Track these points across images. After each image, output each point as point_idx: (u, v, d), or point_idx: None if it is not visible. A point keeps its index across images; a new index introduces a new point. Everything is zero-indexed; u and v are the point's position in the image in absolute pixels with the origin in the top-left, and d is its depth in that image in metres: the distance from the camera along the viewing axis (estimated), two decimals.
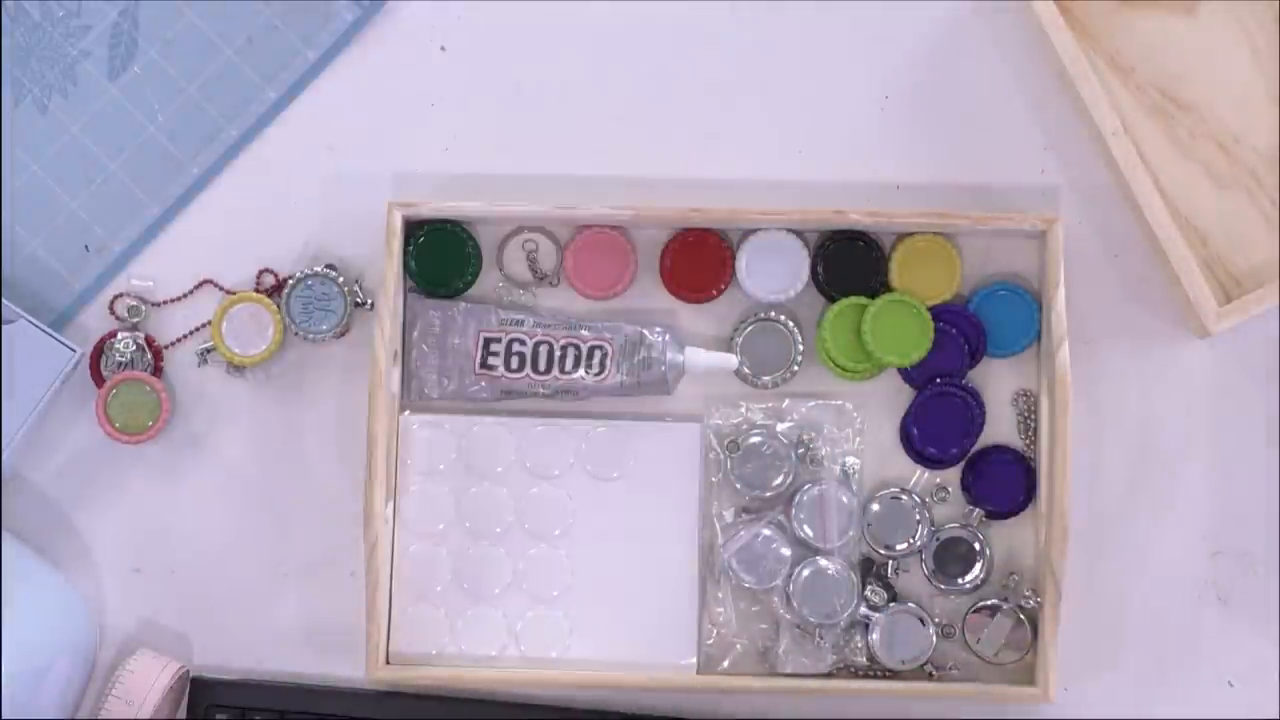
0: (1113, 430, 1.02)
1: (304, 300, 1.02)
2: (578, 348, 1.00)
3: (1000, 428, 1.02)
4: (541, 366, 1.01)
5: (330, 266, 1.03)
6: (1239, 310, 0.98)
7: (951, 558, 1.01)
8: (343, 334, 1.03)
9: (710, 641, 1.01)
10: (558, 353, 1.01)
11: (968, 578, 1.01)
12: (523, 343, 1.01)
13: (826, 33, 1.04)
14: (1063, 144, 1.03)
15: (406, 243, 1.01)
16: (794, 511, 1.00)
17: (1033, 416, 1.02)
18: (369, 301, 1.02)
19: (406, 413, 1.02)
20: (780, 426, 1.02)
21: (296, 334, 1.03)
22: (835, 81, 1.04)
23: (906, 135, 1.04)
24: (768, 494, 1.01)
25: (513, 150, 1.04)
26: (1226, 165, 1.02)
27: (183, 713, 1.01)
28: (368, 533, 0.97)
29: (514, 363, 1.01)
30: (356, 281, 1.03)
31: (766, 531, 1.00)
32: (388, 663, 1.00)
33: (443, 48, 1.05)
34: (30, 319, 1.00)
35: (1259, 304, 0.98)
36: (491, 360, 1.01)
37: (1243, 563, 1.02)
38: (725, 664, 1.01)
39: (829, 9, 1.04)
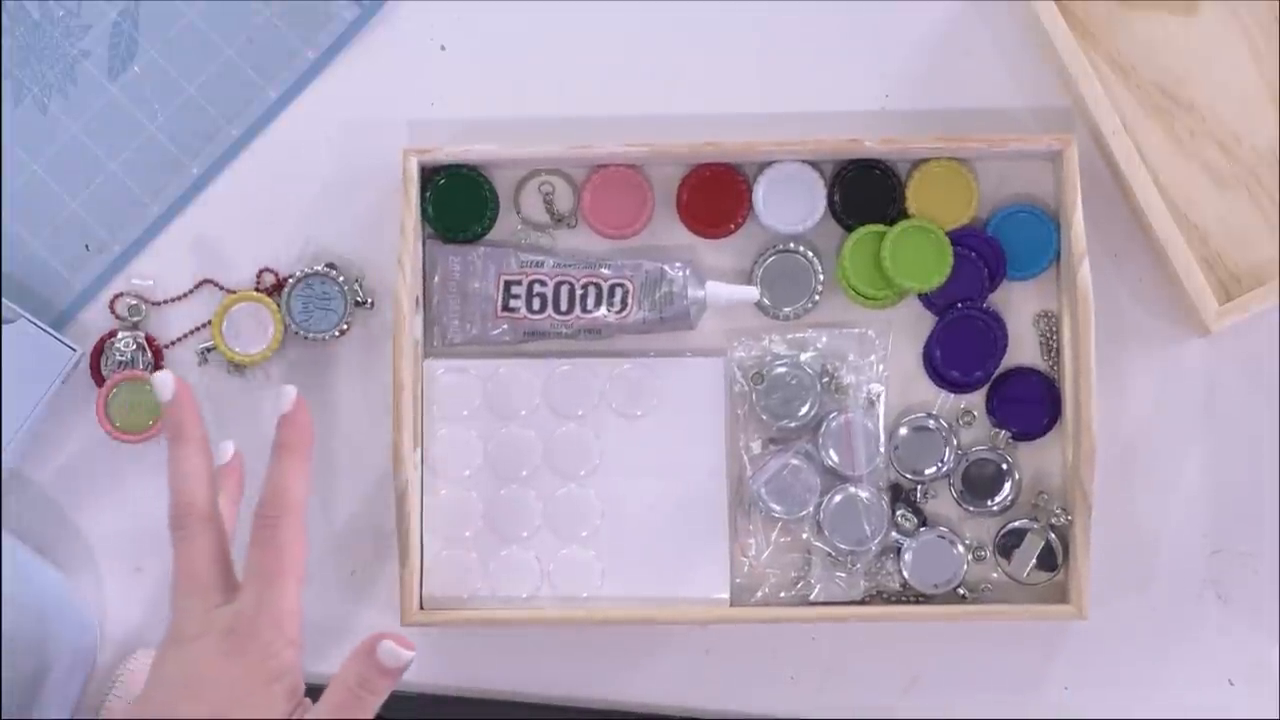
0: (1112, 429, 1.02)
1: (304, 300, 1.03)
2: (599, 286, 1.01)
3: (1023, 350, 1.03)
4: (563, 306, 1.01)
5: (330, 266, 1.03)
6: (1239, 309, 0.99)
7: (980, 480, 1.01)
8: (343, 333, 1.03)
9: (743, 574, 1.01)
10: (579, 292, 1.01)
11: (996, 499, 1.01)
12: (543, 284, 1.01)
13: (826, 32, 1.04)
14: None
15: (423, 190, 1.01)
16: (821, 440, 1.01)
17: (1054, 337, 1.02)
18: (369, 300, 1.03)
19: (429, 359, 1.02)
20: (803, 356, 1.02)
21: (296, 333, 1.03)
22: (834, 81, 1.04)
23: (908, 134, 1.04)
24: (793, 424, 1.01)
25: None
26: (1226, 165, 1.02)
27: None
28: (397, 478, 0.98)
29: (535, 304, 1.01)
30: (357, 281, 1.03)
31: (795, 461, 1.01)
32: (421, 608, 1.00)
33: (443, 47, 1.05)
34: (30, 318, 1.00)
35: (1259, 302, 0.99)
36: (513, 303, 1.01)
37: (1243, 562, 1.02)
38: (758, 595, 1.01)
39: (829, 9, 1.04)
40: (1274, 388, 1.03)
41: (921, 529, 1.01)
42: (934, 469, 1.01)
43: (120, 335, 1.03)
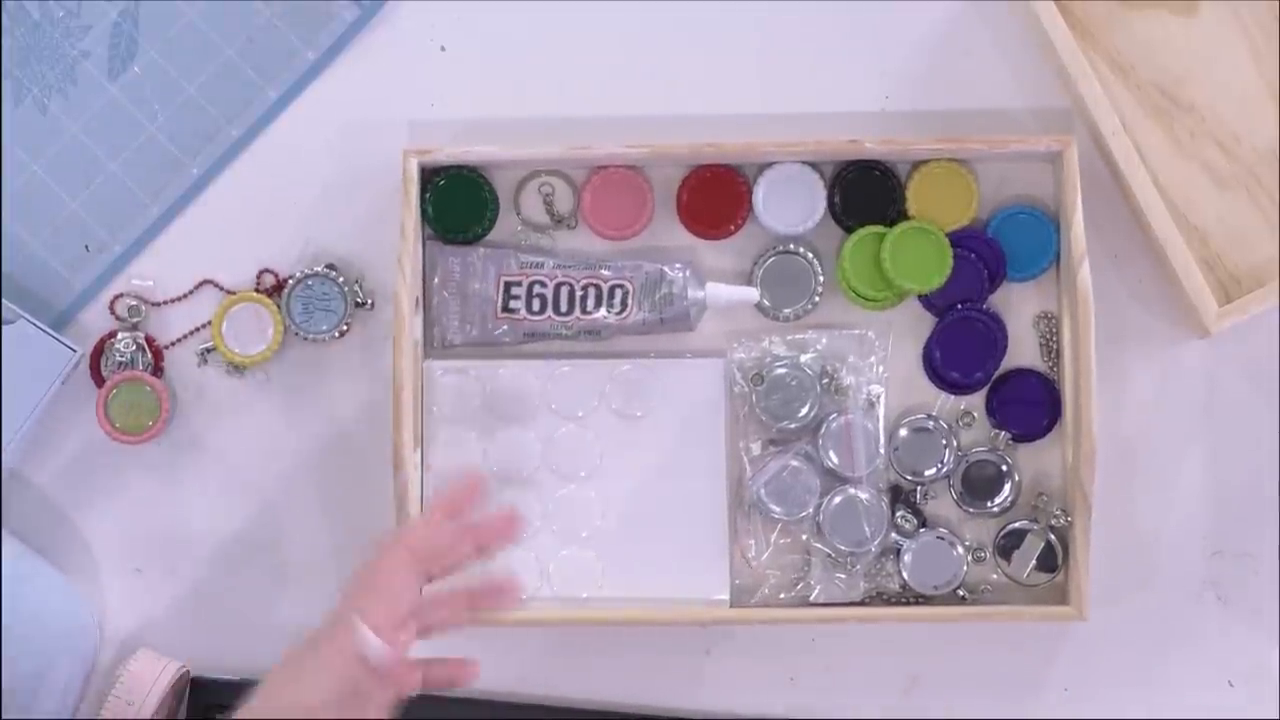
0: (1112, 430, 1.02)
1: (304, 300, 1.03)
2: (599, 288, 1.01)
3: (1022, 351, 1.03)
4: (563, 308, 1.01)
5: (330, 266, 1.03)
6: (1239, 310, 0.99)
7: (979, 481, 1.02)
8: (343, 334, 1.03)
9: (743, 575, 1.01)
10: (579, 293, 1.01)
11: (996, 501, 1.01)
12: (543, 285, 1.01)
13: (826, 32, 1.04)
14: None
15: (423, 190, 1.01)
16: (820, 441, 1.01)
17: (1054, 339, 1.02)
18: (369, 301, 1.03)
19: (430, 360, 1.02)
20: (803, 358, 1.02)
21: (296, 334, 1.03)
22: (834, 82, 1.04)
23: (908, 135, 1.04)
24: (793, 425, 1.01)
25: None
26: (1226, 165, 1.02)
27: (183, 713, 1.01)
28: (397, 478, 0.98)
29: (535, 305, 1.01)
30: (356, 281, 1.03)
31: (794, 462, 1.01)
32: None
33: (443, 48, 1.05)
34: (30, 319, 1.00)
35: (1259, 304, 0.99)
36: (513, 304, 1.01)
37: (1243, 563, 1.02)
38: (758, 596, 1.01)
39: (829, 9, 1.04)
40: (1274, 388, 1.03)
41: (921, 530, 1.01)
42: (934, 470, 1.01)
43: (120, 336, 1.03)
